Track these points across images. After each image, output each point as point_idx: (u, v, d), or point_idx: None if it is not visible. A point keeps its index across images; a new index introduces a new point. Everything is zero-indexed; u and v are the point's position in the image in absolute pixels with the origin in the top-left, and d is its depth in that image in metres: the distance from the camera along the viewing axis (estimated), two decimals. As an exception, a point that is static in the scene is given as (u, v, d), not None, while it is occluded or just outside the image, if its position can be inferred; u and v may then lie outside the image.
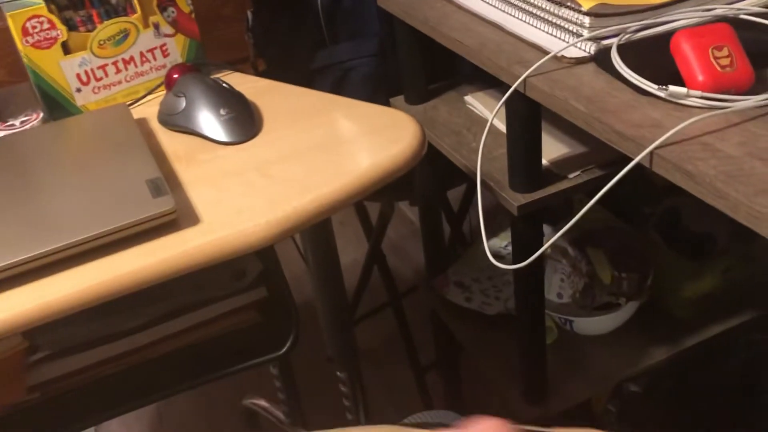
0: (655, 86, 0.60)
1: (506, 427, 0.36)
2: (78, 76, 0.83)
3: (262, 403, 1.21)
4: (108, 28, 0.82)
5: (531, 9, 0.76)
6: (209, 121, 0.76)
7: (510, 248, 1.16)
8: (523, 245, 0.84)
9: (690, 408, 1.00)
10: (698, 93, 0.58)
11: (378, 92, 1.08)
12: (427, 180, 1.08)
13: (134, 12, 0.84)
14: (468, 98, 0.99)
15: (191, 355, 0.74)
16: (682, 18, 0.69)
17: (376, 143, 0.72)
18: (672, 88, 0.59)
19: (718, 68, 0.58)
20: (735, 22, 0.64)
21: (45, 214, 0.62)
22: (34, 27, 0.79)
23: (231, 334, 0.75)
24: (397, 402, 1.46)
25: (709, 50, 0.59)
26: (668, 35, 0.62)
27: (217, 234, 0.61)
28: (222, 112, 0.76)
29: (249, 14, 1.14)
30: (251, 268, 0.72)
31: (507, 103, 0.73)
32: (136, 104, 0.86)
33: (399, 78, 1.01)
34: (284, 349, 0.69)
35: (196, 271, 0.60)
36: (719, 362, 1.01)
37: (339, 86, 1.09)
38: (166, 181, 0.65)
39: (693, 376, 1.00)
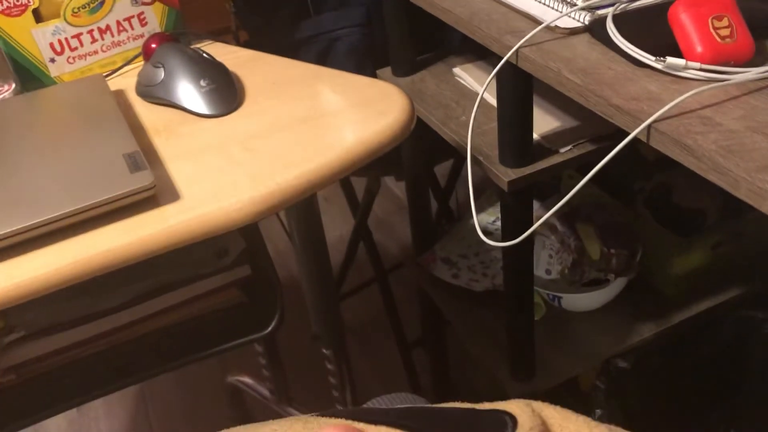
0: (653, 58, 0.58)
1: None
2: (51, 45, 0.80)
3: (247, 380, 1.20)
4: (82, -6, 0.79)
5: (523, -23, 0.73)
6: (189, 93, 0.73)
7: (498, 224, 1.15)
8: (513, 221, 0.82)
9: (678, 384, 1.00)
10: (697, 65, 0.56)
11: (364, 64, 1.05)
12: (415, 155, 1.06)
13: (110, -22, 0.80)
14: (457, 70, 0.97)
15: (174, 334, 0.72)
16: (679, -13, 0.67)
17: (363, 117, 0.69)
18: (670, 59, 0.57)
19: (718, 39, 0.56)
20: (734, -8, 0.62)
21: (17, 189, 0.59)
22: (3, -7, 0.75)
23: (214, 313, 0.73)
24: (383, 378, 1.45)
25: (709, 20, 0.57)
26: (666, 5, 0.60)
27: (198, 211, 0.59)
28: (202, 83, 0.73)
29: (231, -17, 1.10)
30: (234, 246, 0.69)
31: (498, 75, 0.71)
32: (113, 75, 0.83)
33: (386, 49, 0.98)
34: (269, 329, 0.67)
35: (177, 249, 0.58)
36: (708, 338, 1.01)
37: (324, 57, 1.06)
38: (145, 155, 0.63)
39: (681, 352, 1.00)
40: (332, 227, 1.78)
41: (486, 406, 0.34)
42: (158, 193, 0.60)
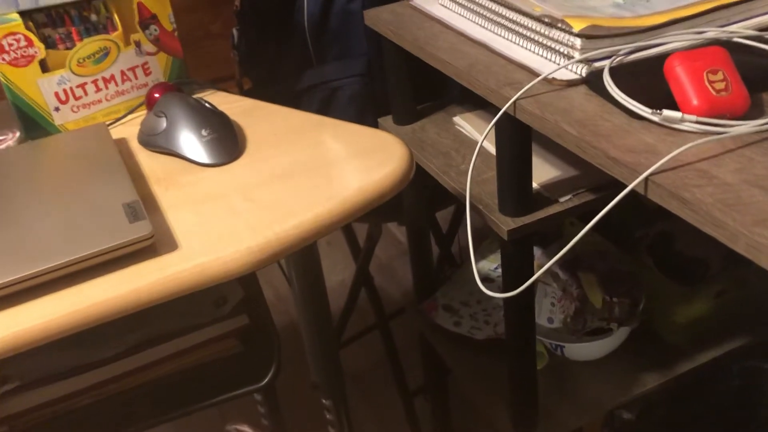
0: (649, 110, 0.59)
1: None
2: (56, 94, 0.81)
3: (246, 429, 1.18)
4: (88, 45, 0.80)
5: (521, 30, 0.74)
6: (190, 142, 0.73)
7: (500, 270, 1.14)
8: (514, 270, 0.82)
9: (684, 436, 0.98)
10: (693, 117, 0.57)
11: (366, 112, 1.06)
12: (416, 201, 1.07)
13: (115, 29, 0.82)
14: (457, 119, 0.97)
15: (170, 385, 0.72)
16: (675, 40, 0.68)
17: (362, 166, 0.70)
18: (666, 112, 0.58)
19: (713, 92, 0.57)
20: (728, 45, 0.63)
21: (16, 238, 0.59)
22: (10, 44, 0.77)
23: (211, 363, 0.72)
24: (384, 427, 1.43)
25: (704, 74, 0.58)
26: (661, 58, 0.61)
27: (196, 260, 0.58)
28: (204, 132, 0.73)
29: (234, 32, 1.12)
30: (232, 295, 0.69)
31: (497, 125, 0.71)
32: (116, 124, 0.84)
33: (387, 98, 0.99)
34: (266, 380, 0.67)
35: (174, 299, 0.58)
36: (713, 389, 0.99)
37: (326, 106, 1.07)
38: (145, 204, 0.63)
39: (686, 403, 0.98)
40: (334, 272, 1.78)
41: None
42: (157, 243, 0.60)
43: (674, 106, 0.58)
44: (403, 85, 0.96)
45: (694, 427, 0.99)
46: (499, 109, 0.68)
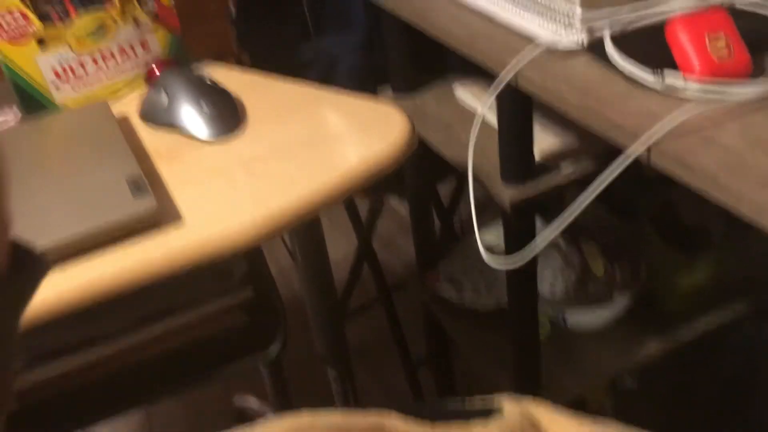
0: (651, 76, 0.59)
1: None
2: (56, 72, 0.81)
3: (252, 400, 1.19)
4: (85, 20, 0.80)
5: (522, -2, 0.74)
6: (192, 117, 0.73)
7: (502, 242, 1.15)
8: (516, 241, 0.82)
9: (686, 402, 0.99)
10: (696, 82, 0.57)
11: (365, 85, 1.05)
12: (417, 174, 1.07)
13: (112, 4, 0.81)
14: (457, 90, 0.97)
15: (177, 358, 0.72)
16: (676, 5, 0.67)
17: (364, 138, 0.70)
18: (669, 78, 0.57)
19: (715, 56, 0.57)
20: (731, 10, 0.63)
21: (21, 215, 0.59)
22: (8, 22, 0.76)
23: (217, 336, 0.73)
24: (388, 398, 1.44)
25: (706, 38, 0.57)
26: (663, 24, 0.61)
27: (201, 235, 0.59)
28: (205, 107, 0.73)
29: (232, 7, 1.12)
30: (237, 268, 0.70)
31: (498, 95, 0.71)
32: (116, 101, 0.84)
33: (387, 70, 0.99)
34: (273, 351, 0.67)
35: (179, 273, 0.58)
36: (714, 356, 1.00)
37: (326, 79, 1.06)
38: (148, 180, 0.63)
39: (688, 371, 0.99)
40: (336, 247, 1.78)
41: (478, 400, 0.35)
42: (161, 218, 0.60)
43: (677, 72, 0.58)
44: (402, 56, 0.96)
45: (696, 392, 1.00)
46: (501, 79, 0.68)
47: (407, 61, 0.96)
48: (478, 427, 0.31)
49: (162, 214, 0.60)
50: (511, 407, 0.32)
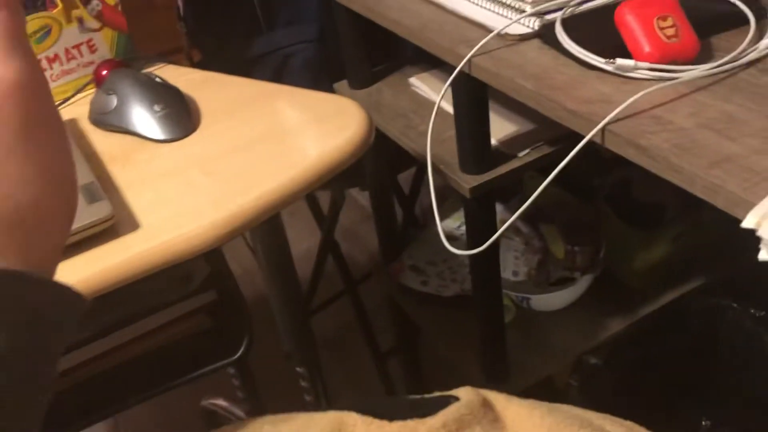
0: (602, 60, 0.59)
1: None
2: (-2, 77, 0.78)
3: (221, 402, 1.18)
4: (28, 24, 0.77)
5: (472, -14, 0.74)
6: (143, 119, 0.72)
7: (464, 228, 1.15)
8: (477, 228, 0.83)
9: (651, 376, 1.02)
10: (646, 65, 0.58)
11: (320, 78, 1.05)
12: (377, 165, 1.06)
13: (55, 6, 0.79)
14: (413, 80, 0.97)
15: (143, 365, 0.71)
16: (624, -11, 0.68)
17: (322, 133, 0.69)
18: (619, 61, 0.58)
19: (664, 39, 0.58)
20: (676, -9, 0.64)
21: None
22: (-55, 27, 0.73)
23: (182, 341, 0.72)
24: (359, 390, 1.45)
25: (654, 21, 0.58)
26: (612, 7, 0.61)
27: (159, 239, 0.58)
28: (156, 108, 0.72)
29: (180, 2, 1.09)
30: (198, 271, 0.69)
31: (453, 84, 0.71)
32: (65, 104, 0.82)
33: (341, 62, 0.98)
34: (239, 354, 0.67)
35: (139, 279, 0.57)
36: (675, 328, 1.02)
37: (279, 74, 1.05)
38: (101, 185, 0.62)
39: (651, 344, 1.02)
40: (299, 240, 1.77)
41: (437, 394, 0.36)
42: (117, 224, 0.59)
43: (627, 55, 0.59)
44: (356, 49, 0.95)
45: (660, 366, 1.03)
46: (455, 68, 0.68)
47: (362, 53, 0.96)
48: (432, 419, 0.32)
49: (118, 220, 0.59)
50: (467, 395, 0.33)
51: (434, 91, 0.93)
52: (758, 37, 0.60)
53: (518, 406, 0.33)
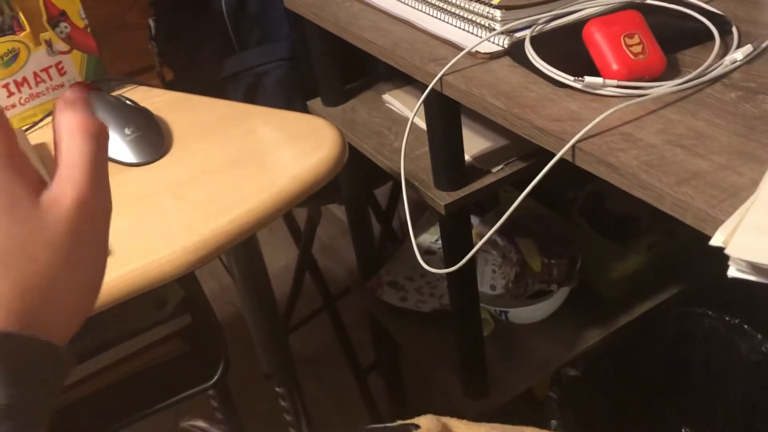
0: (571, 78, 0.60)
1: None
2: (-35, 102, 0.77)
3: (201, 423, 1.17)
4: (-6, 49, 0.76)
5: (442, 5, 0.74)
6: (114, 142, 0.71)
7: (440, 243, 1.16)
8: (453, 243, 0.83)
9: (629, 386, 1.02)
10: (614, 82, 0.58)
11: (293, 97, 1.05)
12: (352, 182, 1.06)
13: (22, 29, 0.78)
14: (386, 97, 0.97)
15: (119, 392, 0.70)
16: (591, 6, 0.69)
17: (295, 153, 0.69)
18: (588, 78, 0.59)
19: (631, 56, 0.58)
20: (642, 8, 0.64)
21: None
22: None
23: (158, 367, 0.71)
24: (340, 407, 1.44)
25: (621, 38, 0.59)
26: (580, 25, 0.62)
27: (131, 266, 0.57)
28: (127, 131, 0.71)
29: (151, 22, 1.09)
30: (172, 296, 0.68)
31: (425, 102, 0.71)
32: (33, 129, 0.81)
33: (314, 80, 0.98)
34: (215, 378, 0.66)
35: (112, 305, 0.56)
36: (651, 337, 1.03)
37: (252, 94, 1.05)
38: (71, 211, 0.61)
39: (628, 354, 1.02)
40: (276, 257, 1.76)
41: (398, 423, 0.37)
42: (88, 251, 0.58)
43: (596, 72, 0.59)
44: (329, 67, 0.95)
45: (638, 376, 1.03)
46: (427, 86, 0.68)
47: (334, 71, 0.96)
48: None
49: (89, 247, 0.58)
50: (428, 423, 0.34)
51: (408, 108, 0.93)
52: (723, 52, 0.61)
53: (478, 428, 0.34)
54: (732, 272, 0.41)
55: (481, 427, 0.34)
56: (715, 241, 0.41)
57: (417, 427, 0.34)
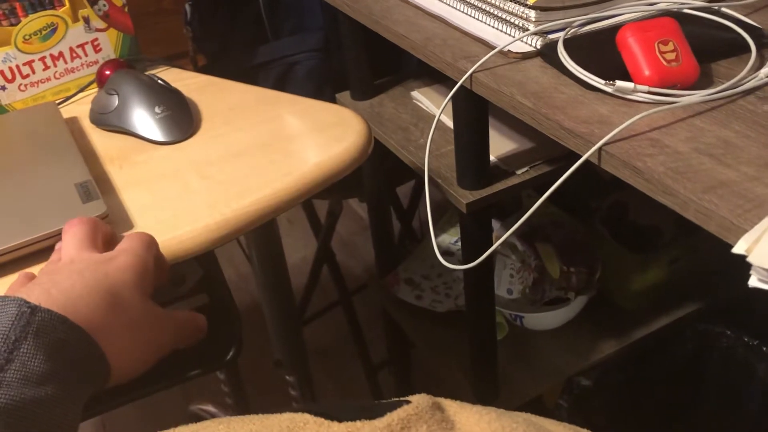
0: (602, 81, 0.59)
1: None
2: (2, 72, 0.78)
3: (210, 408, 1.17)
4: (34, 21, 0.78)
5: (476, 3, 0.74)
6: (143, 120, 0.72)
7: (460, 244, 1.15)
8: (473, 243, 0.83)
9: (640, 399, 1.01)
10: (645, 88, 0.58)
11: (323, 88, 1.05)
12: (376, 177, 1.07)
13: (62, 5, 0.79)
14: (415, 93, 0.97)
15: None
16: (627, 12, 0.68)
17: (320, 142, 0.69)
18: (619, 83, 0.58)
19: (664, 63, 0.58)
20: (678, 16, 0.64)
21: (-36, 222, 0.58)
22: (-49, 21, 0.74)
23: (172, 343, 0.71)
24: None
25: (655, 44, 0.58)
26: (614, 29, 0.61)
27: (153, 240, 0.57)
28: (157, 110, 0.72)
29: (187, 7, 1.10)
30: (191, 274, 0.68)
31: (453, 99, 0.71)
32: (66, 102, 0.82)
33: (345, 73, 0.99)
34: (227, 358, 0.66)
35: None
36: (667, 353, 1.02)
37: (282, 83, 1.05)
38: (98, 184, 0.62)
39: (642, 368, 1.01)
40: (295, 249, 1.77)
41: (392, 399, 0.37)
42: (112, 223, 0.59)
43: (627, 77, 0.59)
44: (360, 60, 0.96)
45: (650, 390, 1.02)
46: (456, 83, 0.68)
47: (365, 64, 0.96)
48: (378, 420, 0.32)
49: (112, 220, 0.59)
50: (419, 399, 0.34)
51: (435, 105, 0.94)
52: (759, 65, 0.61)
53: (470, 410, 0.34)
54: (753, 282, 0.40)
55: (474, 407, 0.34)
56: (738, 248, 0.41)
57: (408, 402, 0.34)
